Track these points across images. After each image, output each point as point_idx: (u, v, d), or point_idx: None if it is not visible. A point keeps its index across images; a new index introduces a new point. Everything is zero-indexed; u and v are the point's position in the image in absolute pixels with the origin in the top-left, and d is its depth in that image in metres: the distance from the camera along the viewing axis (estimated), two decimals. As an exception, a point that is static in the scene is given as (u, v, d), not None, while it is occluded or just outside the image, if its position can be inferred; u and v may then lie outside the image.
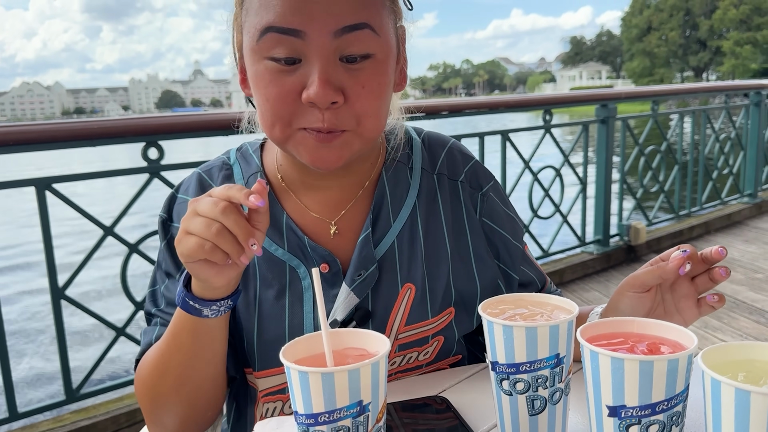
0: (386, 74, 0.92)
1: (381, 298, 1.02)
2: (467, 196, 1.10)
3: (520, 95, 4.98)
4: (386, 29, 0.91)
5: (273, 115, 0.90)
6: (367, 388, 0.68)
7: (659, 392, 0.64)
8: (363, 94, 0.89)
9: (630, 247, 5.04)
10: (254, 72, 0.90)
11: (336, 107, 0.87)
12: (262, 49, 0.87)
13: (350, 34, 0.86)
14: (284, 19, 0.85)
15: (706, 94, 6.57)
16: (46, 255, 2.45)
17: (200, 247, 0.79)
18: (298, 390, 0.68)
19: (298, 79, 0.87)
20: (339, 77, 0.87)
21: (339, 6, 0.85)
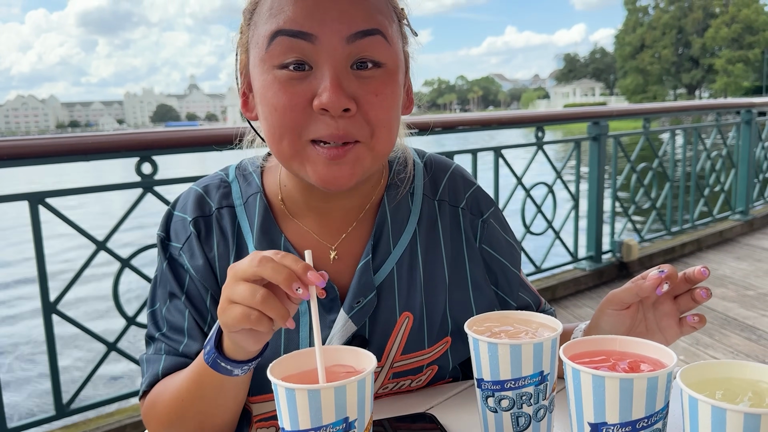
0: (397, 85, 0.89)
1: (378, 325, 1.00)
2: (467, 223, 1.10)
3: (512, 112, 5.02)
4: (396, 42, 0.90)
5: (282, 126, 0.85)
6: (353, 405, 0.68)
7: (639, 409, 0.65)
8: (376, 102, 0.86)
9: (622, 263, 5.06)
10: (262, 83, 0.87)
11: (349, 115, 0.84)
12: (272, 56, 0.84)
13: (363, 39, 0.84)
14: (295, 23, 0.82)
15: (697, 112, 6.62)
16: (38, 269, 2.44)
17: (246, 317, 0.75)
18: (285, 407, 0.68)
19: (308, 87, 0.84)
20: (351, 85, 0.84)
21: (352, 11, 0.83)
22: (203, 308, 1.00)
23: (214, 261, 1.00)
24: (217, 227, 1.01)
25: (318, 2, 0.82)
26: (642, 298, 0.93)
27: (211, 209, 1.03)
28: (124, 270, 2.70)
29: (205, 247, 1.01)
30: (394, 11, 0.92)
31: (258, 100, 0.90)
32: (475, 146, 3.92)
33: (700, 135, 5.84)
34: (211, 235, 1.01)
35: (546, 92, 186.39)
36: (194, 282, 1.00)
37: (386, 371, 1.03)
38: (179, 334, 1.00)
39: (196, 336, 0.99)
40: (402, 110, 0.96)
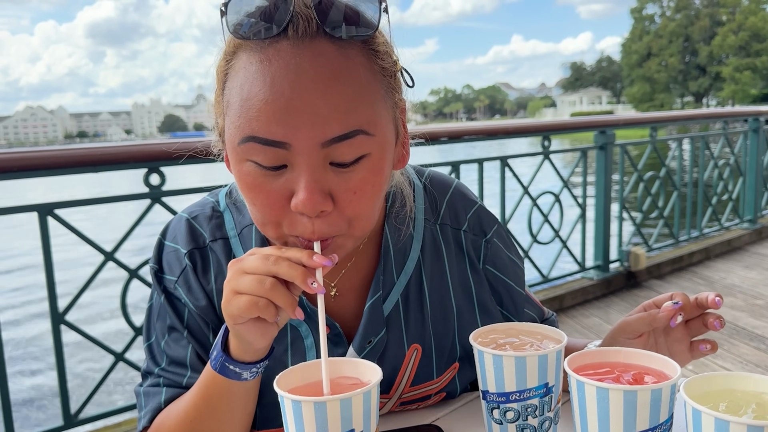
0: (381, 173, 0.83)
1: (387, 360, 1.00)
2: (470, 245, 1.08)
3: (518, 121, 5.02)
4: (382, 122, 0.82)
5: (263, 218, 0.82)
6: (359, 416, 0.69)
7: (643, 421, 0.65)
8: (354, 199, 0.80)
9: (630, 272, 5.04)
10: (238, 171, 0.82)
11: (325, 214, 0.79)
12: (245, 152, 0.79)
13: (340, 143, 0.77)
14: (267, 131, 0.76)
15: (704, 120, 6.61)
16: (46, 280, 2.46)
17: (254, 304, 0.76)
18: (291, 419, 0.69)
19: (285, 185, 0.79)
20: (328, 182, 0.78)
21: (325, 115, 0.75)
22: (205, 341, 0.99)
23: (212, 294, 0.99)
24: (214, 260, 1.00)
25: (289, 107, 0.75)
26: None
27: (205, 241, 1.01)
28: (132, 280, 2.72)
29: (203, 281, 0.99)
30: (384, 80, 0.83)
31: (236, 180, 0.84)
32: (481, 156, 3.93)
33: (708, 143, 5.82)
34: (208, 268, 1.00)
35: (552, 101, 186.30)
36: (194, 316, 0.99)
37: (394, 401, 1.03)
38: (181, 367, 0.99)
39: (199, 369, 0.97)
40: (395, 165, 0.91)
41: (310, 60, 0.75)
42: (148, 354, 1.03)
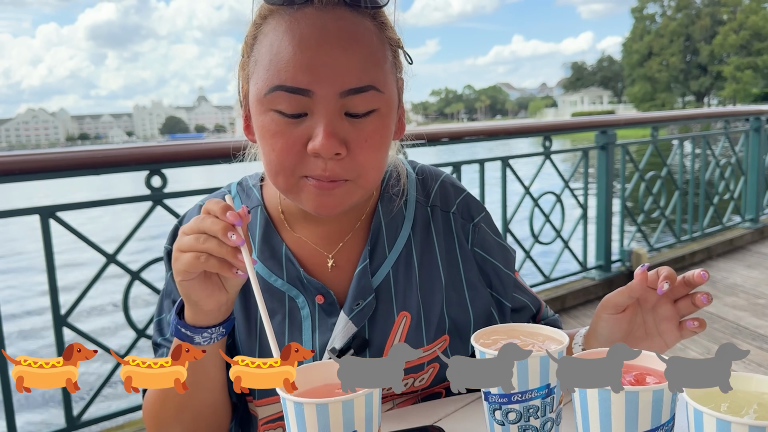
0: (388, 127, 0.95)
1: (378, 326, 1.04)
2: (459, 227, 1.13)
3: (519, 121, 5.02)
4: (389, 85, 0.94)
5: (278, 164, 0.91)
6: (361, 419, 0.69)
7: (645, 422, 0.65)
8: (366, 147, 0.91)
9: (632, 272, 5.02)
10: (260, 122, 0.92)
11: (339, 158, 0.89)
12: (270, 102, 0.90)
13: (356, 96, 0.89)
14: (294, 80, 0.87)
15: (705, 120, 6.60)
16: (49, 282, 2.47)
17: (196, 258, 0.83)
18: (294, 421, 0.69)
19: (303, 131, 0.89)
20: (343, 130, 0.89)
21: (345, 69, 0.87)
22: None
23: None
24: None
25: (314, 60, 0.87)
26: (641, 302, 0.96)
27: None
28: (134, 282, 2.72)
29: None
30: (389, 45, 0.96)
31: (257, 134, 0.95)
32: (482, 156, 3.93)
33: (709, 143, 5.82)
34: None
35: (554, 101, 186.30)
36: None
37: None
38: None
39: None
40: (394, 136, 1.01)
41: (333, 22, 0.89)
42: (156, 327, 1.10)
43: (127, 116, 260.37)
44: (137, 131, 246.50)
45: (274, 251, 1.06)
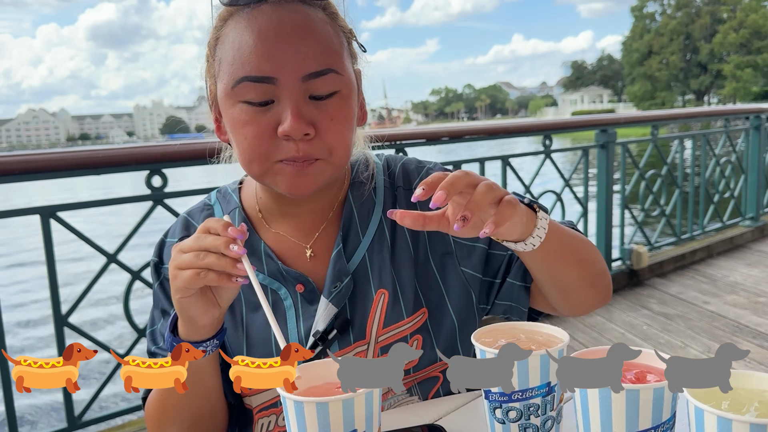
0: (351, 107, 1.01)
1: (358, 306, 1.09)
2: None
3: (519, 120, 5.02)
4: (348, 69, 1.01)
5: (251, 152, 0.97)
6: (361, 417, 0.69)
7: (646, 420, 0.65)
8: (332, 125, 0.97)
9: (632, 271, 5.04)
10: (231, 115, 0.98)
11: (308, 138, 0.95)
12: (237, 94, 0.96)
13: (317, 79, 0.95)
14: (258, 69, 0.94)
15: (705, 118, 6.60)
16: (49, 282, 2.47)
17: (196, 275, 0.87)
18: (294, 420, 0.69)
19: (272, 117, 0.95)
20: (309, 112, 0.96)
21: (304, 55, 0.94)
22: None
23: None
24: None
25: (275, 49, 0.94)
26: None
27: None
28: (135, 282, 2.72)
29: None
30: (343, 35, 1.03)
31: (228, 128, 1.01)
32: (482, 155, 3.93)
33: (709, 141, 5.82)
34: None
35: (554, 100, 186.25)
36: None
37: (372, 347, 1.08)
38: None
39: None
40: (357, 122, 1.07)
41: (288, 15, 0.96)
42: (150, 337, 1.15)
43: (128, 116, 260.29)
44: (138, 131, 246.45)
45: (253, 249, 1.10)
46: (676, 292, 4.80)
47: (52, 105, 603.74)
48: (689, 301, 4.58)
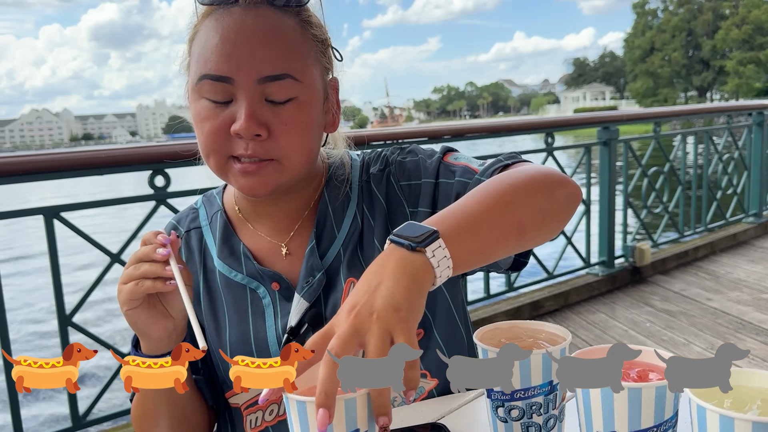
0: (309, 114, 1.01)
1: (331, 300, 1.10)
2: (385, 178, 1.17)
3: (521, 118, 5.02)
4: (310, 76, 1.01)
5: (208, 146, 1.01)
6: (363, 417, 0.69)
7: (648, 419, 0.65)
8: (285, 131, 0.99)
9: (635, 268, 5.03)
10: (193, 109, 1.02)
11: (260, 140, 0.97)
12: (199, 90, 0.99)
13: (272, 83, 0.97)
14: (217, 68, 0.96)
15: (708, 115, 6.58)
16: (53, 282, 2.47)
17: (134, 285, 0.92)
18: (296, 419, 0.69)
19: (229, 115, 0.98)
20: (264, 115, 0.97)
21: (262, 58, 0.96)
22: None
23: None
24: (186, 249, 1.18)
25: (234, 50, 0.96)
26: None
27: (181, 233, 1.20)
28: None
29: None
30: (315, 42, 1.04)
31: (192, 122, 1.05)
32: (484, 153, 3.93)
33: (712, 138, 5.81)
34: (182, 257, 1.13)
35: (556, 97, 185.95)
36: None
37: None
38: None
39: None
40: (326, 128, 1.11)
41: (254, 18, 0.98)
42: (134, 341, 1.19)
43: (131, 116, 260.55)
44: (141, 131, 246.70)
45: (232, 250, 1.14)
46: (679, 289, 4.80)
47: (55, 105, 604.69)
48: (692, 298, 4.58)
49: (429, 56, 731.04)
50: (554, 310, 4.46)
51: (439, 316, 1.13)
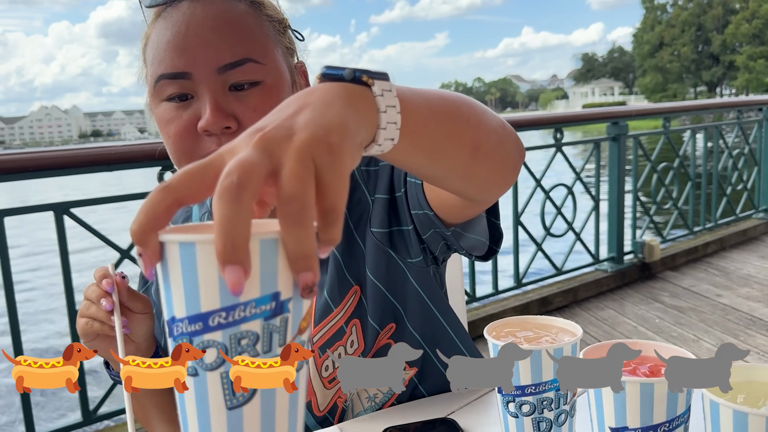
0: (278, 98, 0.94)
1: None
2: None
3: (530, 114, 5.00)
4: (273, 57, 0.96)
5: (176, 150, 0.95)
6: (287, 276, 0.44)
7: (660, 414, 0.65)
8: (256, 117, 0.80)
9: (644, 264, 5.01)
10: (156, 115, 0.97)
11: (231, 132, 0.91)
12: (159, 93, 0.95)
13: (233, 70, 0.91)
14: (172, 66, 0.92)
15: (718, 110, 6.54)
16: (63, 278, 2.49)
17: (86, 323, 0.93)
18: (178, 277, 0.44)
19: (193, 113, 0.93)
20: (230, 105, 0.92)
21: (217, 46, 0.91)
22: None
23: None
24: None
25: (187, 44, 0.91)
26: None
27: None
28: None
29: None
30: (271, 24, 0.98)
31: (158, 129, 0.99)
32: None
33: (722, 133, 5.77)
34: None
35: (564, 92, 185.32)
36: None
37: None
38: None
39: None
40: None
41: (202, 8, 0.93)
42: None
43: (139, 113, 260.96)
44: (149, 128, 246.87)
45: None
46: (688, 285, 4.77)
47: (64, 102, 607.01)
48: (702, 294, 4.56)
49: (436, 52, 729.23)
50: (563, 306, 4.45)
51: (411, 308, 1.07)
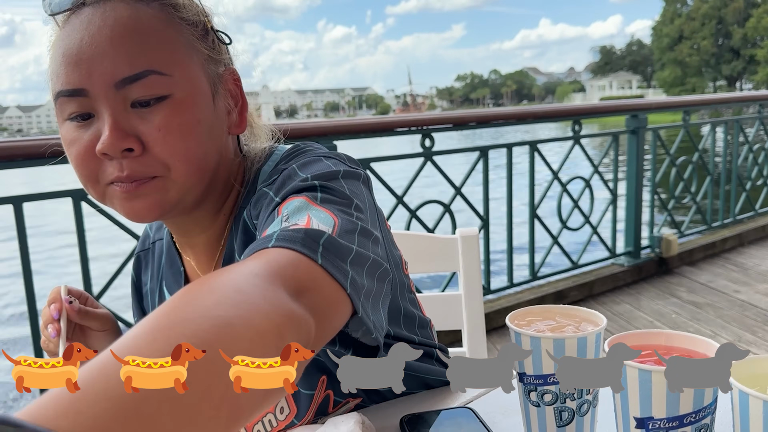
0: (190, 113, 0.84)
1: None
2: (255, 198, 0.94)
3: (548, 105, 4.97)
4: (183, 67, 0.84)
5: (81, 175, 0.86)
6: None
7: (687, 404, 0.64)
8: (162, 137, 0.82)
9: (662, 259, 4.97)
10: (61, 134, 0.87)
11: (135, 155, 0.82)
12: (60, 111, 0.85)
13: (132, 84, 0.81)
14: (67, 81, 0.82)
15: (738, 104, 6.46)
16: (81, 264, 2.51)
17: (42, 341, 1.00)
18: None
19: (93, 134, 0.83)
20: (132, 124, 0.82)
21: (114, 58, 0.80)
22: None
23: (147, 295, 1.13)
24: (152, 259, 1.12)
25: (81, 57, 0.81)
26: None
27: (151, 241, 1.14)
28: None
29: (143, 278, 1.14)
30: (186, 28, 0.87)
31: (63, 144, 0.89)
32: (511, 141, 3.90)
33: (742, 127, 5.70)
34: (147, 269, 1.14)
35: (581, 85, 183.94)
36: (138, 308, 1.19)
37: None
38: None
39: None
40: (231, 129, 0.93)
41: (101, 15, 0.82)
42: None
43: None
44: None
45: (176, 276, 1.04)
46: (706, 281, 4.73)
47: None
48: (719, 290, 4.51)
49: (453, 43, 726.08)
50: (578, 300, 4.42)
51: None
